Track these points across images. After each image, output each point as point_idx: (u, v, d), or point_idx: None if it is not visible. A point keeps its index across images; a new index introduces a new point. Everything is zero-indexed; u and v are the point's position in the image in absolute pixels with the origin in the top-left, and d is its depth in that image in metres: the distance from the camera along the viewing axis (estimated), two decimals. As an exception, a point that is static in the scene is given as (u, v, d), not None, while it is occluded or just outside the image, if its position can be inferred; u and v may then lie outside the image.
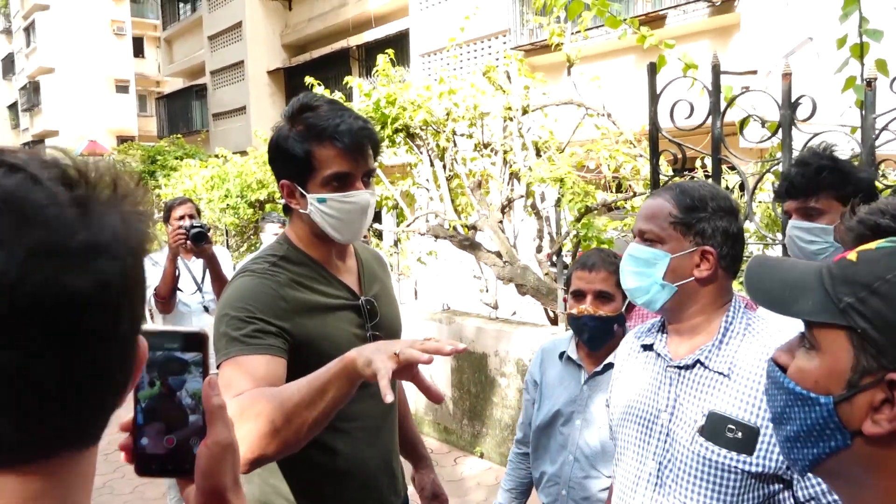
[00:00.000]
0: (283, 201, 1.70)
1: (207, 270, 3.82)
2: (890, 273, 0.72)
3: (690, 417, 1.43)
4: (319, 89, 5.61)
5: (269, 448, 1.29)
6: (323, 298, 1.64)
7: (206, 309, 3.93)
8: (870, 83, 2.33)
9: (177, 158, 12.77)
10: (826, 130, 2.27)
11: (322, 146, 1.57)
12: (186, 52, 21.78)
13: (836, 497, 1.28)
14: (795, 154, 2.56)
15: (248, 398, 1.33)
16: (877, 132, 2.30)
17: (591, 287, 2.10)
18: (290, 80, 17.43)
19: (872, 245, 0.77)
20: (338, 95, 5.61)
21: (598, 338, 2.12)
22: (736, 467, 1.36)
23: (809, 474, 1.26)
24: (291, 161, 1.60)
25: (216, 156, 9.90)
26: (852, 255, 0.77)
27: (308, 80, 5.80)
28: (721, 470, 1.38)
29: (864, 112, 2.44)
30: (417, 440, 2.06)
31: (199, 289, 3.96)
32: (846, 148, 2.83)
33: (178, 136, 16.63)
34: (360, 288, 1.75)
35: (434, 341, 1.21)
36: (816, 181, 1.94)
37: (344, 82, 5.71)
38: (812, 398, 0.76)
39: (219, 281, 3.71)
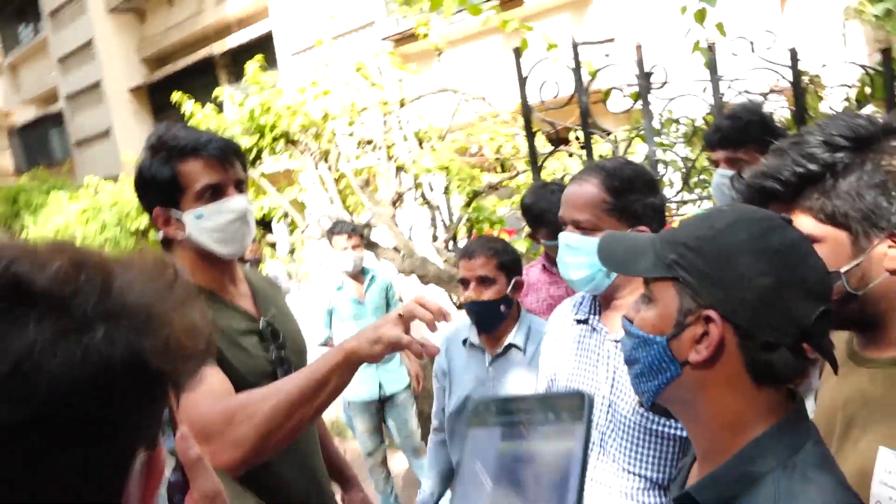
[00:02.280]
0: (159, 235, 1.66)
1: None
2: (700, 231, 0.89)
3: (630, 388, 1.53)
4: (189, 104, 5.41)
5: (269, 445, 1.33)
6: (225, 328, 1.61)
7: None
8: (710, 47, 2.52)
9: (44, 193, 11.94)
10: (679, 95, 2.45)
11: (187, 162, 1.56)
12: (35, 78, 20.31)
13: None
14: (655, 118, 2.75)
15: (239, 400, 1.35)
16: (722, 91, 2.50)
17: (473, 273, 2.19)
18: (154, 95, 16.63)
19: (692, 213, 0.94)
20: (208, 108, 5.44)
21: (486, 321, 2.21)
22: (673, 434, 1.47)
23: None
24: (159, 186, 1.57)
25: (85, 186, 9.35)
26: (676, 223, 0.94)
27: (175, 95, 5.57)
28: (660, 437, 1.48)
29: (711, 72, 2.65)
30: (342, 462, 2.06)
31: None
32: (702, 106, 3.06)
33: (39, 168, 15.53)
34: (258, 311, 1.73)
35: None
36: (744, 133, 2.11)
37: (214, 95, 5.53)
38: (650, 339, 0.92)
39: None
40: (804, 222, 1.07)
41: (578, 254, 1.53)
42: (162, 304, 0.58)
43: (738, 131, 2.12)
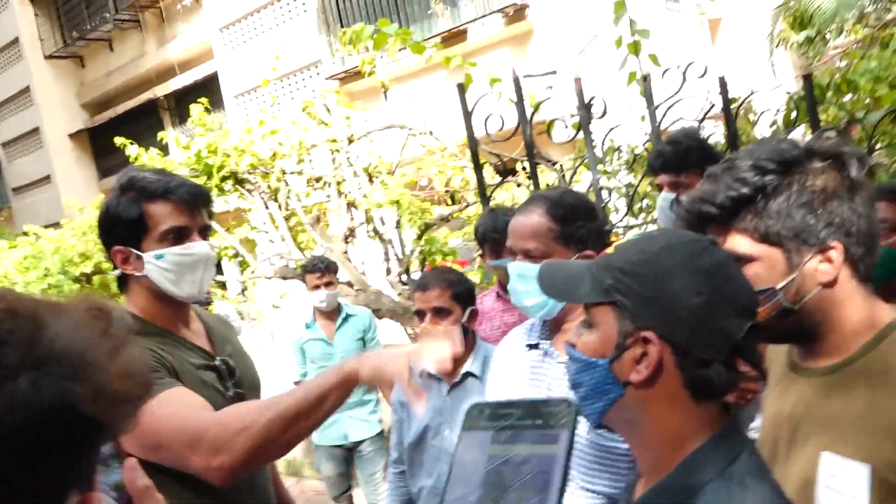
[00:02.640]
0: (116, 272, 1.65)
1: None
2: (634, 256, 0.94)
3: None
4: (133, 149, 5.35)
5: (263, 456, 1.37)
6: (183, 362, 1.60)
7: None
8: (645, 78, 2.64)
9: (-21, 243, 11.51)
10: (618, 125, 2.55)
11: (155, 203, 1.57)
12: (-31, 126, 19.73)
13: None
14: (597, 146, 2.84)
15: (236, 410, 1.39)
16: (659, 119, 2.61)
17: (428, 305, 2.21)
18: (95, 140, 16.33)
19: (625, 239, 0.99)
20: (153, 151, 5.38)
21: None
22: (628, 450, 1.49)
23: None
24: (124, 225, 1.57)
25: (25, 233, 9.07)
26: (611, 249, 0.99)
27: (118, 140, 5.50)
28: (615, 454, 1.51)
29: (647, 102, 2.76)
30: (289, 500, 2.05)
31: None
32: (639, 133, 3.18)
33: (-25, 218, 15.02)
34: (213, 349, 1.73)
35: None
36: (685, 158, 2.21)
37: (158, 138, 5.48)
38: (592, 362, 0.95)
39: None
40: (740, 242, 1.12)
41: (530, 282, 1.56)
42: (94, 351, 0.59)
43: (679, 156, 2.23)
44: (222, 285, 11.30)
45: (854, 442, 1.07)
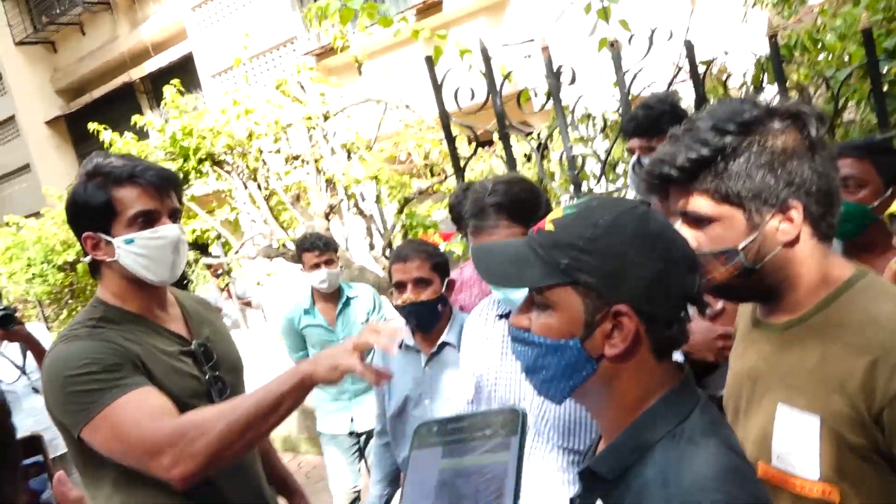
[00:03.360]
0: (87, 259, 1.65)
1: (28, 352, 3.54)
2: (586, 231, 0.91)
3: None
4: (107, 134, 5.30)
5: (222, 460, 1.39)
6: (155, 350, 1.62)
7: (36, 390, 3.63)
8: (613, 44, 2.64)
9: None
10: (587, 91, 2.56)
11: (123, 188, 1.57)
12: (-57, 117, 19.40)
13: None
14: (570, 115, 2.86)
15: (193, 417, 1.41)
16: (628, 85, 2.62)
17: (409, 276, 2.24)
18: (73, 126, 16.09)
19: (560, 212, 0.96)
20: (129, 136, 5.34)
21: (425, 321, 2.27)
22: None
23: None
24: (92, 211, 1.57)
25: (6, 224, 9.00)
26: (549, 225, 0.95)
27: (92, 126, 5.44)
28: (587, 420, 1.57)
29: (616, 68, 2.76)
30: (286, 474, 2.08)
31: (23, 372, 3.66)
32: (611, 101, 3.19)
33: (-44, 210, 14.84)
34: (190, 333, 1.74)
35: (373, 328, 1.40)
36: (658, 122, 2.23)
37: (133, 122, 5.42)
38: (562, 344, 0.93)
39: (43, 357, 3.45)
40: (701, 203, 1.14)
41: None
42: None
43: (651, 120, 2.26)
44: (209, 268, 11.27)
45: (806, 395, 1.10)
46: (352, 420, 3.70)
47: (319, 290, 3.65)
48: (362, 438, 3.75)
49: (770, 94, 3.21)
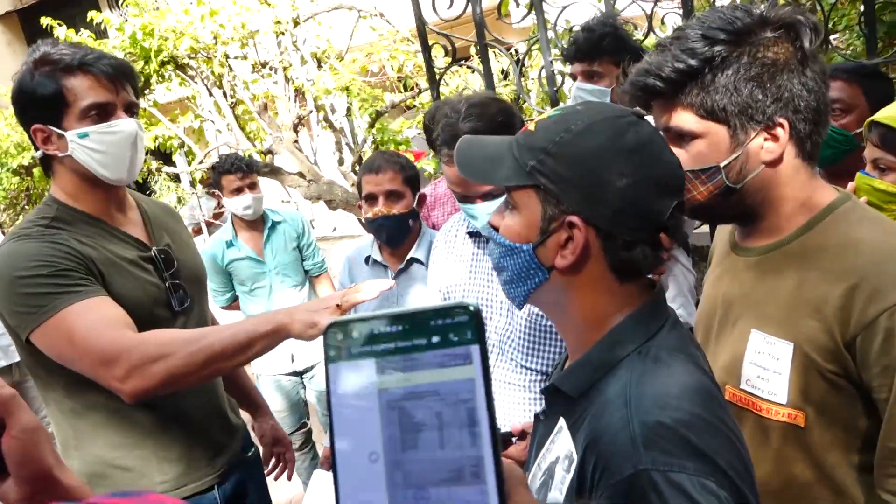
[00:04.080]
0: (37, 154, 1.56)
1: None
2: (558, 136, 0.87)
3: None
4: (61, 30, 5.00)
5: (177, 385, 1.38)
6: (111, 255, 1.55)
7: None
8: (601, -47, 2.51)
9: None
10: (573, 2, 2.45)
11: (74, 77, 1.47)
12: None
13: None
14: (551, 30, 2.74)
15: (160, 336, 1.39)
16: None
17: (381, 188, 2.17)
18: (27, 22, 15.22)
19: (546, 115, 0.91)
20: (86, 34, 5.04)
21: (396, 235, 2.22)
22: None
23: None
24: (41, 102, 1.47)
25: (-43, 125, 8.60)
26: (532, 126, 0.91)
27: (44, 21, 5.12)
28: (554, 334, 1.57)
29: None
30: (251, 388, 2.07)
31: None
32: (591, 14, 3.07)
33: None
34: (150, 239, 1.67)
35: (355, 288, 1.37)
36: (599, 46, 2.15)
37: (89, 19, 5.11)
38: (516, 247, 0.92)
39: None
40: (685, 118, 1.09)
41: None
42: None
43: (593, 44, 2.18)
44: (176, 178, 11.00)
45: (781, 321, 1.10)
46: (292, 358, 3.36)
47: (242, 219, 3.28)
48: (305, 377, 3.44)
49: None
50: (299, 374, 3.42)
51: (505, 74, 3.95)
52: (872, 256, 1.03)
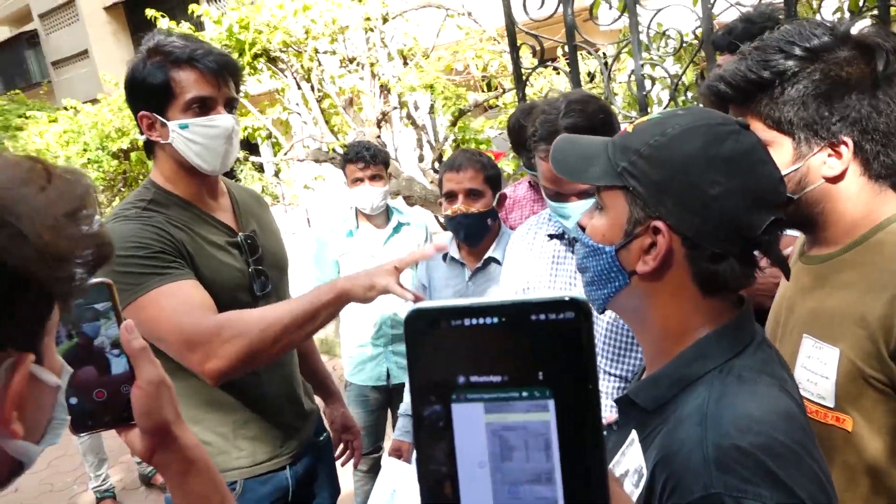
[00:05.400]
0: (142, 137, 1.65)
1: None
2: (653, 138, 0.86)
3: None
4: (164, 22, 5.24)
5: (253, 362, 1.45)
6: (201, 239, 1.62)
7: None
8: (701, -45, 2.43)
9: (20, 117, 11.65)
10: (666, 6, 2.38)
11: (181, 70, 1.55)
12: (6, -4, 19.54)
13: None
14: (643, 32, 2.68)
15: (232, 318, 1.44)
16: (712, 2, 2.43)
17: (461, 186, 2.18)
18: (132, 13, 16.06)
19: (647, 117, 0.91)
20: (185, 26, 5.26)
21: (474, 234, 2.22)
22: None
23: None
24: (149, 90, 1.56)
25: (64, 108, 9.14)
26: (630, 127, 0.91)
27: (149, 12, 5.38)
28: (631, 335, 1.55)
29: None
30: (326, 375, 2.13)
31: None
32: (690, 19, 2.98)
33: (17, 91, 15.11)
34: (238, 224, 1.74)
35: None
36: (756, 38, 2.04)
37: (190, 11, 5.34)
38: (599, 248, 0.91)
39: None
40: (754, 125, 1.10)
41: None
42: (22, 205, 0.56)
43: (750, 36, 2.06)
44: (260, 167, 11.36)
45: (830, 327, 1.12)
46: (387, 373, 3.06)
47: (362, 212, 3.04)
48: (394, 394, 3.08)
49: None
50: (388, 391, 3.11)
51: (591, 77, 3.89)
52: None
